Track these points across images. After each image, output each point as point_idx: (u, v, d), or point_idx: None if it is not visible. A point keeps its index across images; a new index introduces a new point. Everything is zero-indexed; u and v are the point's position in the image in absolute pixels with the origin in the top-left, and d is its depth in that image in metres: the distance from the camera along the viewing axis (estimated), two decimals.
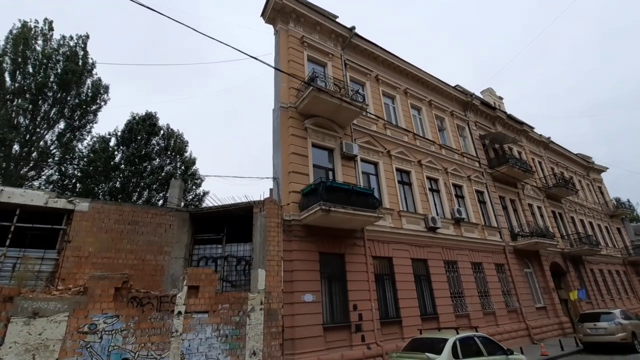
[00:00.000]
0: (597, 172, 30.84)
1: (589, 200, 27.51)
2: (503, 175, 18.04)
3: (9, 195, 7.79)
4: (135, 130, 21.10)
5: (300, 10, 12.75)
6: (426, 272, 12.39)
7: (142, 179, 20.75)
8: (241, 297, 8.07)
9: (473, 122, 19.23)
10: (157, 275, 8.97)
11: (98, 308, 6.35)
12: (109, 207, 8.91)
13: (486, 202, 16.90)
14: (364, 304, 9.94)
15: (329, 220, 9.46)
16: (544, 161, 24.19)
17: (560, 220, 22.05)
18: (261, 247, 8.87)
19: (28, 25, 19.85)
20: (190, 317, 7.22)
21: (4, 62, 19.07)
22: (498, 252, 15.75)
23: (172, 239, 9.52)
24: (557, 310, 17.04)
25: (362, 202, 9.79)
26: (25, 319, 5.76)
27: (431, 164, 14.94)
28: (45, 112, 20.53)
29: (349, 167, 11.77)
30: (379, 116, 13.96)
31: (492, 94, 23.24)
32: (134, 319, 6.62)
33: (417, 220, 12.94)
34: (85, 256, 8.18)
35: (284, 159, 10.43)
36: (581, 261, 21.12)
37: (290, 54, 12.16)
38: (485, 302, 13.83)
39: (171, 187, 12.39)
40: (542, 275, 17.51)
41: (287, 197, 9.88)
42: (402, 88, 15.97)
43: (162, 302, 7.02)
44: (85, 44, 21.36)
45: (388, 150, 13.45)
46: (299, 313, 8.61)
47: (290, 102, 11.21)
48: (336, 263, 10.11)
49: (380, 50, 15.20)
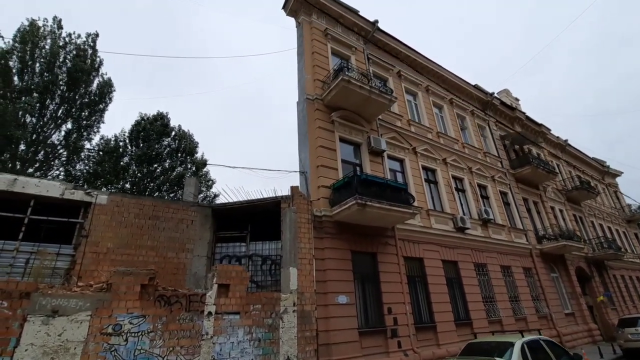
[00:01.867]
0: (612, 176, 30.25)
1: (606, 204, 26.86)
2: (525, 176, 17.46)
3: (23, 185, 7.19)
4: (147, 130, 20.57)
5: (324, 2, 12.33)
6: (457, 274, 11.71)
7: (152, 180, 20.15)
8: (273, 297, 7.41)
9: (493, 122, 18.73)
10: (179, 274, 8.31)
11: (123, 307, 5.70)
12: (129, 200, 8.30)
13: (510, 204, 16.28)
14: (398, 307, 9.25)
15: (363, 216, 8.84)
16: (561, 164, 23.62)
17: (581, 224, 21.38)
18: (291, 244, 8.24)
19: (36, 23, 19.50)
20: (221, 318, 6.56)
21: (11, 60, 18.67)
22: (525, 256, 15.07)
23: (194, 235, 8.88)
24: (586, 317, 16.26)
25: (396, 198, 9.18)
26: (44, 318, 5.12)
27: (456, 163, 14.36)
28: (52, 111, 20.06)
29: (376, 162, 11.20)
30: (403, 112, 13.46)
31: (508, 95, 22.77)
32: (162, 320, 5.96)
33: (446, 220, 12.30)
34: (103, 252, 7.54)
35: (312, 152, 9.85)
36: (604, 266, 20.38)
37: (314, 46, 11.69)
38: (516, 307, 13.10)
39: (186, 185, 11.83)
40: (568, 280, 16.78)
41: (316, 192, 9.26)
42: (424, 85, 15.50)
43: (192, 301, 6.36)
44: (94, 42, 20.98)
45: (413, 147, 12.90)
46: (334, 316, 7.92)
47: (316, 94, 10.68)
48: (368, 263, 9.45)
49: (402, 45, 14.77)
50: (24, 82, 18.97)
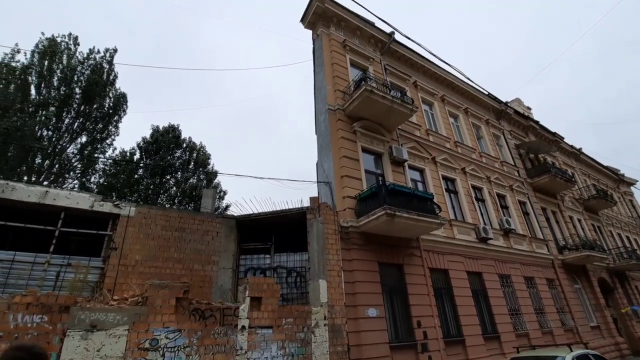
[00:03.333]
0: (627, 185, 29.81)
1: (623, 213, 26.40)
2: (543, 185, 17.23)
3: (54, 197, 7.19)
4: (160, 142, 20.73)
5: (342, 15, 12.49)
6: (482, 286, 11.44)
7: (165, 192, 20.19)
8: (304, 310, 7.25)
9: (508, 131, 18.64)
10: (206, 287, 8.18)
11: (159, 321, 5.60)
12: (156, 212, 8.25)
13: (529, 213, 16.03)
14: (427, 320, 9.01)
15: (390, 227, 8.71)
16: (576, 172, 23.35)
17: (600, 233, 20.98)
18: (319, 256, 8.10)
19: (55, 39, 19.98)
20: (255, 332, 6.41)
21: (30, 74, 19.07)
22: (547, 266, 14.74)
23: (219, 247, 8.79)
24: (612, 330, 15.77)
25: (423, 208, 9.06)
26: (83, 332, 5.03)
27: (474, 172, 14.23)
28: (68, 124, 20.34)
29: (398, 172, 11.12)
30: (420, 122, 13.44)
31: (520, 104, 22.76)
32: (197, 334, 5.83)
33: (468, 230, 12.11)
34: (132, 265, 7.45)
35: (336, 162, 9.81)
36: (626, 277, 19.88)
37: (333, 57, 11.79)
38: (542, 319, 12.74)
39: (204, 197, 11.79)
40: (591, 291, 16.35)
41: (341, 203, 9.17)
42: (439, 95, 15.52)
43: (225, 315, 6.24)
44: (112, 57, 21.40)
45: (433, 157, 12.81)
46: (364, 330, 7.72)
47: (337, 104, 10.71)
48: (395, 274, 9.27)
49: (417, 56, 14.86)
50: (42, 96, 19.32)
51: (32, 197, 6.96)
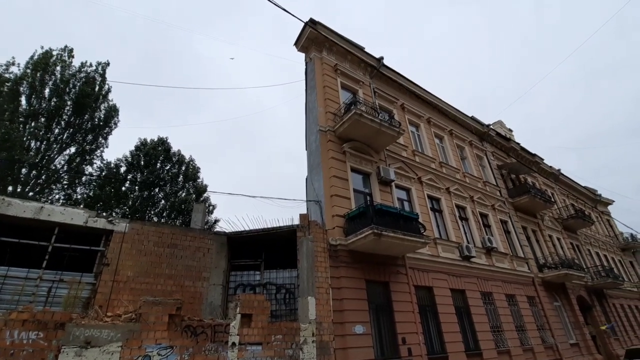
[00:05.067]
0: (604, 205, 31.12)
1: (600, 233, 27.47)
2: (524, 205, 17.97)
3: (49, 213, 7.31)
4: (149, 155, 20.79)
5: (333, 40, 13.13)
6: (465, 303, 11.82)
7: (153, 205, 20.14)
8: (293, 327, 7.45)
9: (490, 152, 19.47)
10: (196, 303, 8.30)
11: (152, 337, 5.74)
12: (149, 228, 8.41)
13: (511, 232, 16.65)
14: (412, 337, 9.28)
15: (377, 246, 9.06)
16: (556, 192, 24.35)
17: (578, 252, 21.79)
18: (309, 273, 8.36)
19: (50, 52, 20.13)
20: (245, 349, 6.58)
21: (21, 85, 19.09)
22: (528, 284, 15.26)
23: (211, 264, 8.95)
24: (590, 347, 16.27)
25: (409, 227, 9.46)
26: (77, 349, 5.14)
27: (458, 192, 14.82)
28: (57, 136, 20.25)
29: (385, 192, 11.56)
30: (407, 143, 14.03)
31: (502, 126, 23.82)
32: (189, 351, 5.98)
33: (452, 249, 12.56)
34: (123, 281, 7.55)
35: (326, 182, 10.19)
36: (603, 295, 20.61)
37: (325, 80, 12.34)
38: (523, 337, 13.13)
39: (194, 212, 11.98)
40: (571, 309, 16.91)
41: (331, 221, 9.50)
42: (426, 117, 16.23)
43: (216, 331, 6.41)
44: (104, 70, 21.60)
45: (419, 177, 13.35)
46: (351, 346, 7.94)
47: (328, 125, 11.18)
48: (381, 292, 9.57)
49: (405, 80, 15.60)
50: (32, 107, 19.29)
51: (27, 212, 7.08)
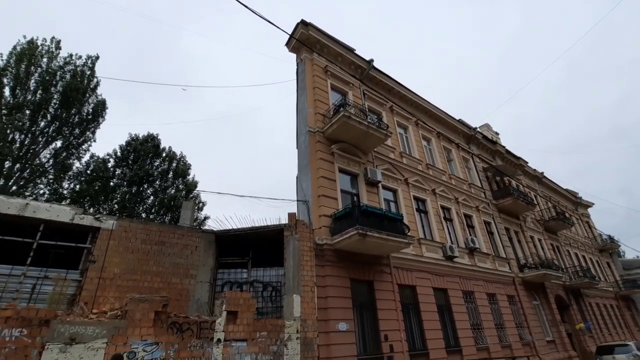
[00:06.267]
0: (584, 207, 32.14)
1: (580, 234, 28.39)
2: (507, 207, 18.48)
3: (34, 210, 7.30)
4: (138, 150, 20.61)
5: (324, 42, 13.26)
6: (447, 302, 12.18)
7: (142, 201, 20.00)
8: (278, 324, 7.63)
9: (476, 154, 19.93)
10: (182, 300, 8.40)
11: (137, 334, 5.84)
12: (136, 225, 8.46)
13: (494, 233, 17.14)
14: (394, 334, 9.57)
15: (362, 245, 9.29)
16: (538, 195, 25.06)
17: (558, 253, 22.52)
18: (295, 272, 8.54)
19: (35, 42, 19.70)
20: (230, 345, 6.73)
21: (5, 76, 18.66)
22: (508, 284, 15.76)
23: (198, 261, 9.05)
24: (566, 345, 16.91)
25: (393, 228, 9.72)
26: (62, 346, 5.22)
27: (444, 193, 15.19)
28: (43, 129, 19.88)
29: (372, 192, 11.80)
30: (395, 145, 14.29)
31: (489, 129, 24.35)
32: (174, 347, 6.10)
33: (436, 249, 12.90)
34: (110, 278, 7.60)
35: (314, 182, 10.36)
36: (580, 294, 21.38)
37: (315, 82, 12.48)
38: (502, 334, 13.60)
39: (183, 209, 12.00)
40: (548, 308, 17.53)
41: (318, 221, 9.70)
42: (414, 119, 16.52)
43: (202, 328, 6.55)
44: (93, 64, 21.26)
45: (405, 178, 13.64)
46: (334, 343, 8.17)
47: (317, 127, 11.34)
48: (365, 290, 9.82)
49: (394, 82, 15.85)
50: (16, 99, 18.89)
51: (11, 209, 7.05)
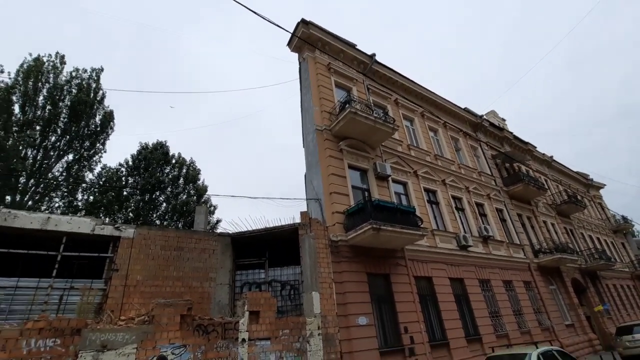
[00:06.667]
0: (596, 188, 31.71)
1: (593, 216, 28.06)
2: (518, 193, 18.36)
3: (56, 223, 7.49)
4: (149, 159, 20.89)
5: (326, 39, 13.28)
6: (463, 291, 12.20)
7: (155, 208, 20.30)
8: (299, 321, 7.75)
9: (484, 142, 19.80)
10: (204, 303, 8.57)
11: (165, 338, 6.01)
12: (155, 232, 8.63)
13: (506, 220, 17.05)
14: (413, 325, 9.64)
15: (376, 240, 9.35)
16: (548, 179, 24.81)
17: (572, 236, 22.31)
18: (312, 269, 8.64)
19: (41, 59, 20.05)
20: (254, 344, 6.87)
21: (14, 94, 19.03)
22: (524, 270, 15.70)
23: (216, 264, 9.21)
24: (585, 327, 16.82)
25: (406, 220, 9.76)
26: (94, 353, 5.39)
27: (454, 183, 15.15)
28: (54, 143, 20.25)
29: (383, 187, 11.84)
30: (402, 138, 14.28)
31: (495, 115, 24.12)
32: (201, 349, 6.26)
33: (449, 239, 12.90)
34: (133, 285, 7.79)
35: (324, 180, 10.44)
36: (597, 277, 21.18)
37: (319, 80, 12.52)
38: (520, 320, 13.59)
39: (197, 214, 12.17)
40: (565, 292, 17.43)
41: (331, 218, 9.78)
42: (419, 111, 16.47)
43: (226, 329, 6.69)
44: (98, 76, 21.56)
45: (415, 170, 13.63)
46: (355, 337, 8.27)
47: (324, 124, 11.39)
48: (382, 284, 9.90)
49: (398, 75, 15.80)
50: (26, 116, 19.27)
51: (34, 223, 7.25)
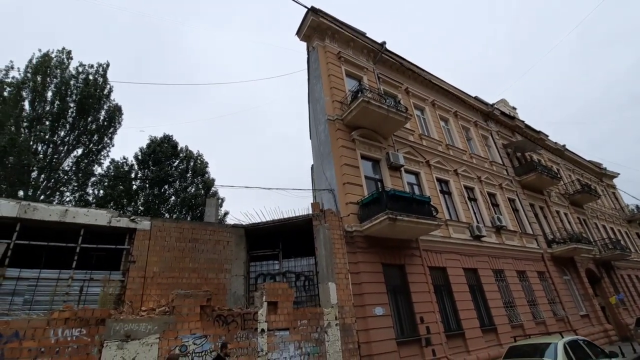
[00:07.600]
0: (610, 178, 31.15)
1: (607, 206, 27.61)
2: (531, 182, 18.08)
3: (74, 215, 7.52)
4: (157, 152, 20.94)
5: (335, 27, 13.04)
6: (477, 281, 12.09)
7: (164, 202, 20.41)
8: (317, 312, 7.74)
9: (495, 131, 19.47)
10: (220, 294, 8.59)
11: (186, 328, 6.02)
12: (170, 224, 8.64)
13: (519, 210, 16.82)
14: (429, 316, 9.59)
15: (392, 230, 9.26)
16: (561, 168, 24.40)
17: (585, 226, 22.00)
18: (327, 260, 8.60)
19: (49, 54, 20.10)
20: (273, 334, 6.87)
21: (23, 90, 19.13)
22: (538, 260, 15.53)
23: (231, 256, 9.22)
24: (600, 318, 16.65)
25: (421, 210, 9.65)
26: (119, 343, 5.42)
27: (466, 173, 14.94)
28: (63, 138, 20.38)
29: (395, 177, 11.70)
30: (413, 127, 14.08)
31: (506, 104, 23.69)
32: (221, 339, 6.27)
33: (463, 229, 12.76)
34: (150, 276, 7.83)
35: (337, 170, 10.33)
36: (611, 267, 20.89)
37: (329, 69, 12.32)
38: (535, 310, 13.48)
39: (207, 206, 12.19)
40: (580, 282, 17.23)
41: (345, 209, 9.70)
42: (430, 100, 16.20)
43: (246, 319, 6.70)
44: (105, 71, 21.57)
45: (427, 160, 13.45)
46: (372, 327, 8.24)
47: (336, 114, 11.24)
48: (397, 274, 9.83)
49: (408, 63, 15.51)
50: (36, 111, 19.39)
51: (53, 216, 7.29)
